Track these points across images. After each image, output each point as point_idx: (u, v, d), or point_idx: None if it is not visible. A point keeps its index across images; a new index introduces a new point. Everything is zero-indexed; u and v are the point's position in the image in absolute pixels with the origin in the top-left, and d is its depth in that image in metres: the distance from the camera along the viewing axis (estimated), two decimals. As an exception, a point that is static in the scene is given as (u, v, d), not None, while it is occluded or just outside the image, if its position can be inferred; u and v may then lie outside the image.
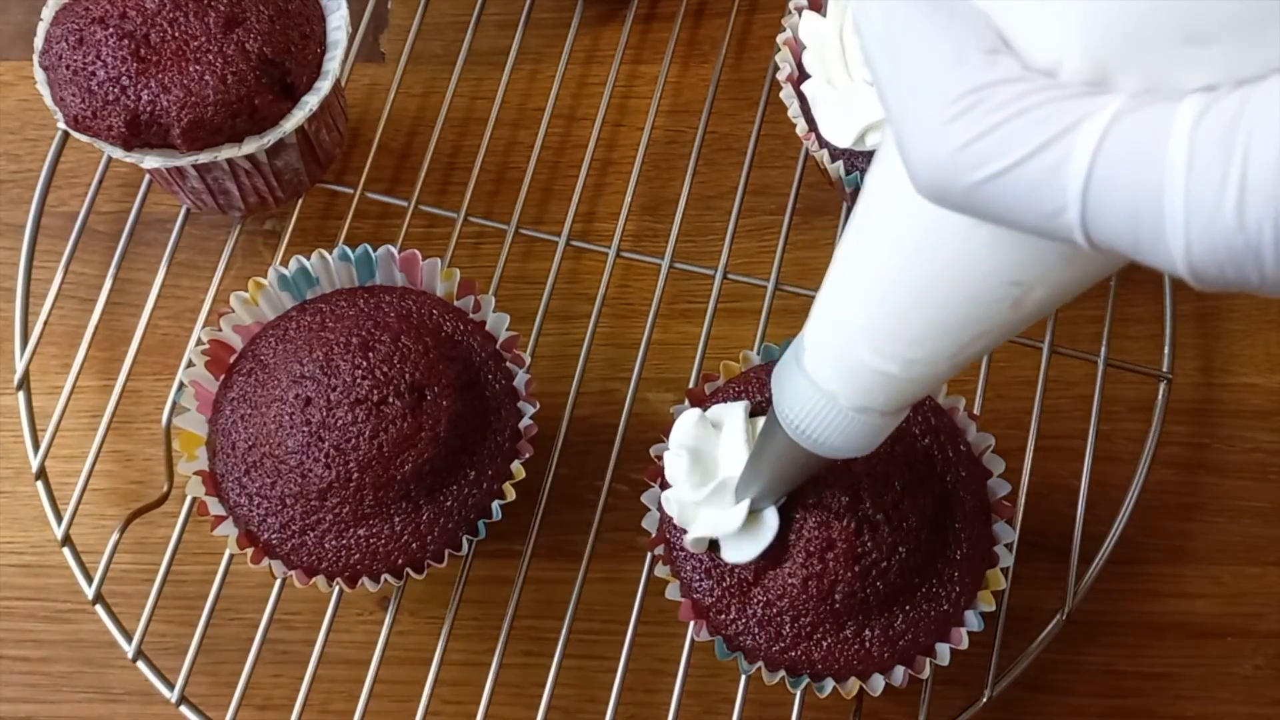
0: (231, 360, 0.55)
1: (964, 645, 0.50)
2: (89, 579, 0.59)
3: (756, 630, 0.50)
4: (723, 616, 0.50)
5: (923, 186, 0.26)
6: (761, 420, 0.50)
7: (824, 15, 0.60)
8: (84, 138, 0.56)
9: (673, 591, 0.51)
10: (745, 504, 0.47)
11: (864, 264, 0.34)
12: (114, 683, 0.61)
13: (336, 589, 0.55)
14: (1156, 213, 0.23)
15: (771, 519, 0.48)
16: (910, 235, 0.31)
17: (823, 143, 0.59)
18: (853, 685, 0.50)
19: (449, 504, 0.52)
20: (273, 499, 0.51)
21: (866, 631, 0.49)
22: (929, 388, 0.36)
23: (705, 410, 0.51)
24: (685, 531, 0.49)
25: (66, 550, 0.60)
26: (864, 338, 0.35)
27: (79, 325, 0.64)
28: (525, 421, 0.53)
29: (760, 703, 0.58)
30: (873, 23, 0.27)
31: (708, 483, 0.49)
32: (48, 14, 0.58)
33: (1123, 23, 0.24)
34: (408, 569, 0.52)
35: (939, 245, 0.31)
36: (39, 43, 0.58)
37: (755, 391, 0.52)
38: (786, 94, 0.60)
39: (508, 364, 0.55)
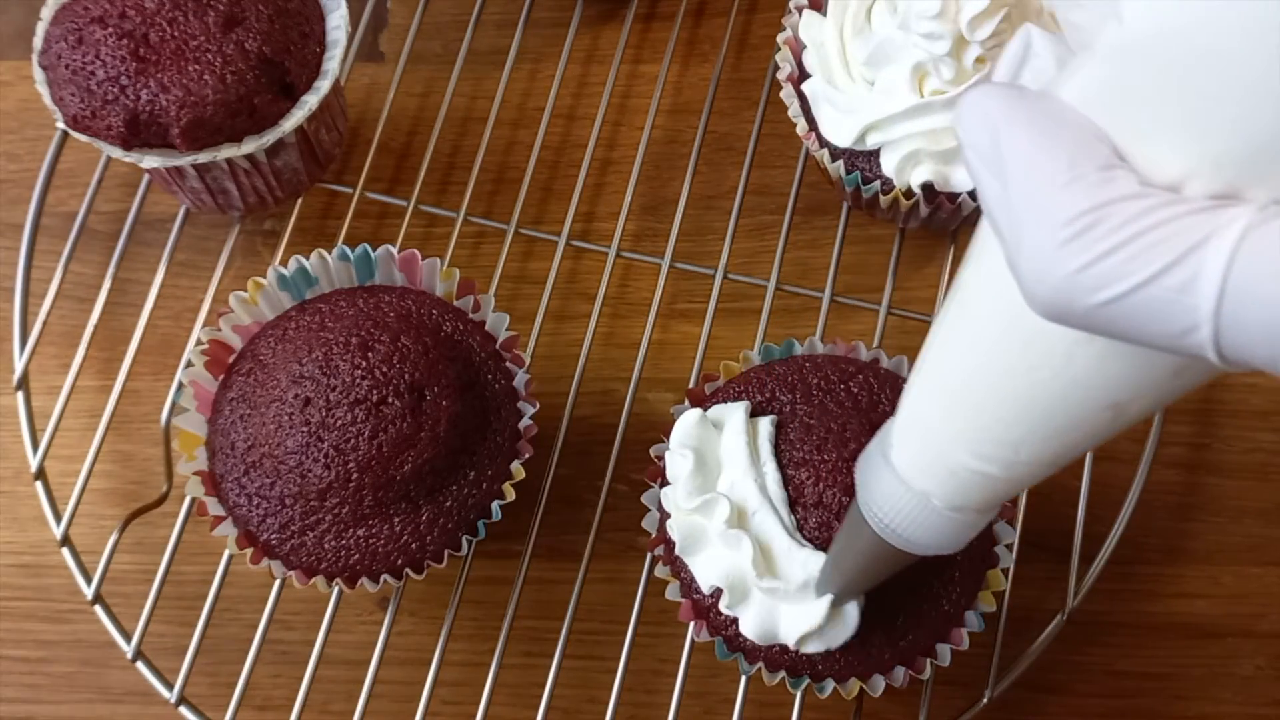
0: (231, 360, 0.55)
1: (965, 646, 0.50)
2: (88, 579, 0.59)
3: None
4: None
5: (1039, 307, 0.25)
6: (763, 420, 0.50)
7: (824, 15, 0.60)
8: (83, 137, 0.56)
9: (673, 591, 0.51)
10: (827, 600, 0.46)
11: (960, 367, 0.33)
12: (113, 683, 0.61)
13: (336, 589, 0.55)
14: None
15: (852, 613, 0.47)
16: (1011, 346, 0.30)
17: (823, 142, 0.59)
18: (853, 686, 0.50)
19: (449, 504, 0.52)
20: (272, 499, 0.51)
21: (873, 637, 0.49)
22: (1027, 485, 0.35)
23: (706, 410, 0.51)
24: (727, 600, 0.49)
25: (66, 550, 0.60)
26: (962, 441, 0.33)
27: (78, 325, 0.64)
28: (525, 421, 0.53)
29: (760, 703, 0.58)
30: (974, 137, 0.26)
31: (708, 486, 0.49)
32: (47, 13, 0.58)
33: (1265, 138, 0.23)
34: (407, 569, 0.52)
35: (1039, 364, 0.30)
36: (38, 42, 0.58)
37: (755, 391, 0.52)
38: (786, 94, 0.60)
39: (508, 364, 0.54)
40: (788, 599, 0.47)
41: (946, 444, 0.34)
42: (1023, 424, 0.31)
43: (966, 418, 0.33)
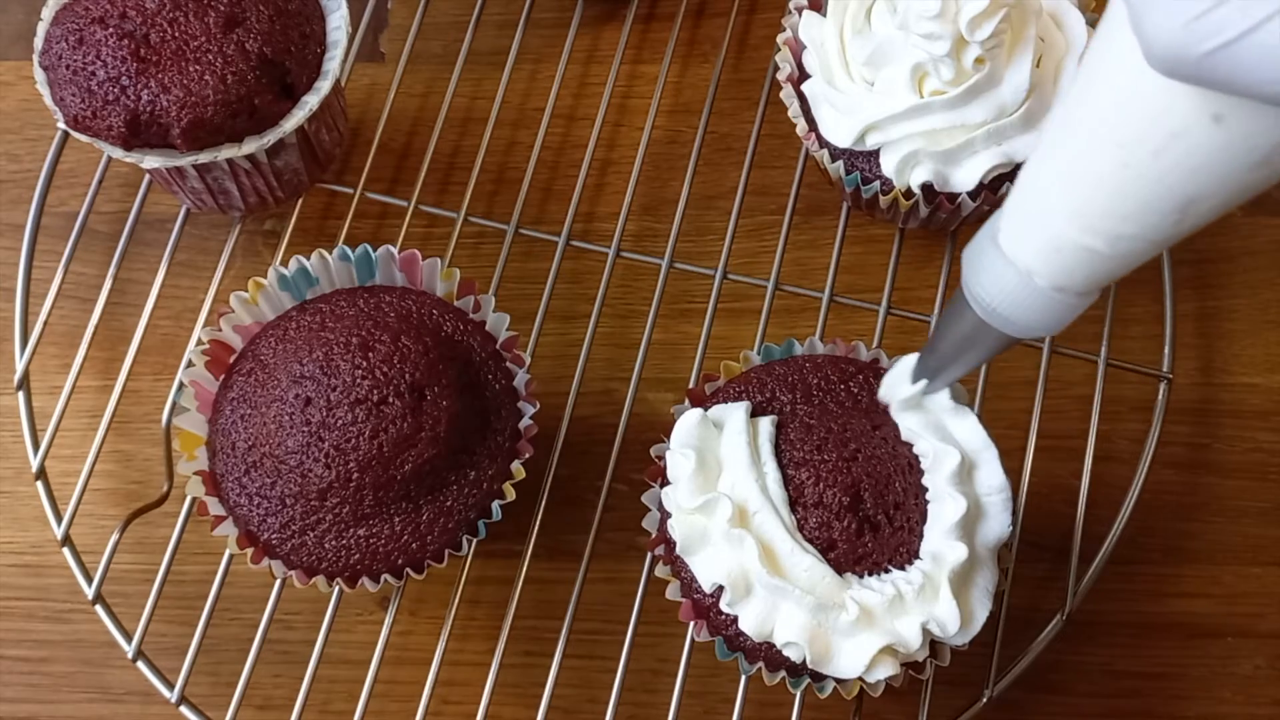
0: (231, 360, 0.55)
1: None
2: (89, 579, 0.59)
3: None
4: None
5: (1156, 59, 0.27)
6: (764, 420, 0.50)
7: (824, 15, 0.60)
8: (84, 138, 0.56)
9: (673, 591, 0.51)
10: (922, 385, 0.48)
11: (1076, 142, 0.35)
12: (114, 683, 0.61)
13: (336, 589, 0.55)
14: None
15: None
16: (1127, 120, 0.32)
17: (823, 143, 0.59)
18: (853, 685, 0.50)
19: (449, 504, 0.52)
20: (273, 499, 0.51)
21: None
22: (1129, 266, 0.37)
23: (706, 410, 0.51)
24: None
25: (66, 550, 0.60)
26: (1072, 215, 0.35)
27: (79, 325, 0.64)
28: (525, 421, 0.53)
29: (760, 703, 0.58)
30: None
31: (709, 486, 0.49)
32: (48, 14, 0.58)
33: None
34: (408, 569, 0.52)
35: (1150, 138, 0.32)
36: (39, 43, 0.58)
37: (755, 391, 0.52)
38: (786, 94, 0.60)
39: (508, 364, 0.55)
40: (791, 598, 0.47)
41: (1057, 218, 0.36)
42: (1144, 195, 0.33)
43: (1078, 191, 0.35)
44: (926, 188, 0.56)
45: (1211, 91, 0.29)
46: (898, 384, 0.49)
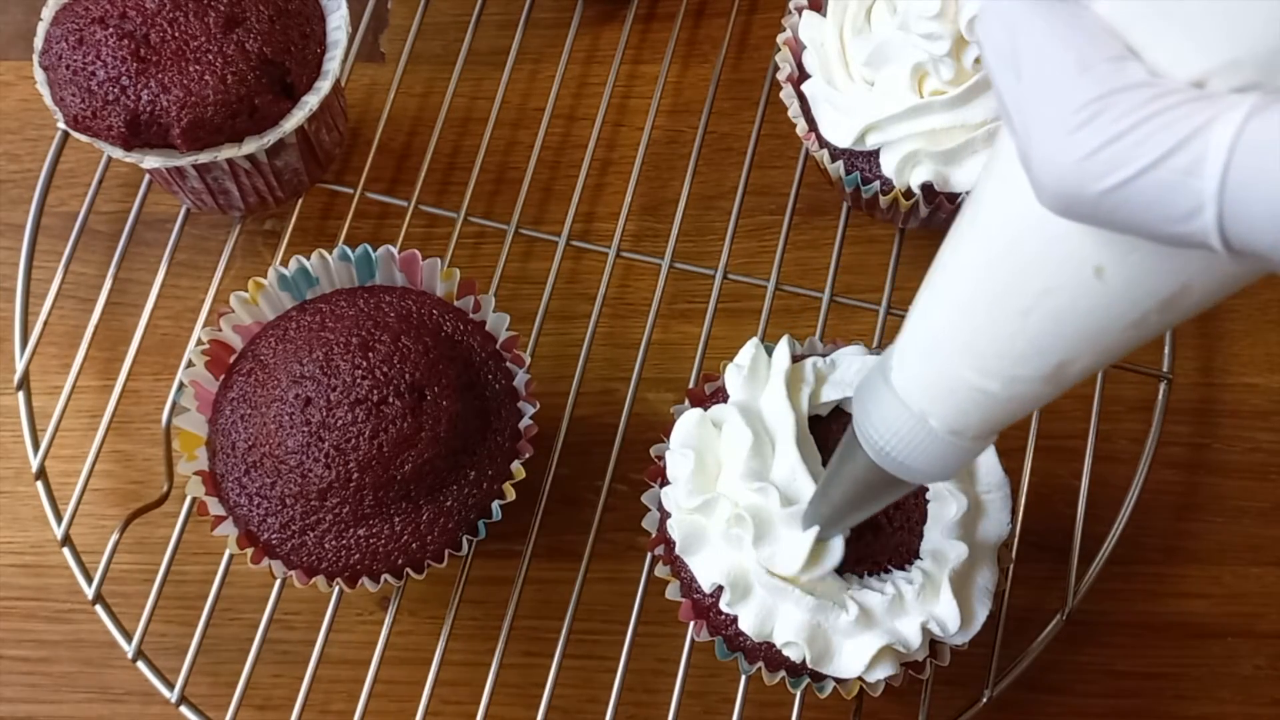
0: (231, 360, 0.55)
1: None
2: (89, 579, 0.59)
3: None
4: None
5: (1047, 198, 0.26)
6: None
7: (824, 15, 0.60)
8: (84, 138, 0.56)
9: (673, 591, 0.51)
10: (813, 532, 0.46)
11: (967, 279, 0.33)
12: (114, 683, 0.61)
13: (336, 589, 0.55)
14: None
15: (838, 547, 0.47)
16: (1018, 256, 0.31)
17: (823, 143, 0.59)
18: (853, 685, 0.50)
19: (449, 504, 0.52)
20: (273, 499, 0.51)
21: None
22: (1025, 410, 0.35)
23: (706, 410, 0.51)
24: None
25: (66, 550, 0.60)
26: (965, 353, 0.34)
27: (79, 325, 0.64)
28: (525, 421, 0.53)
29: (760, 703, 0.58)
30: (993, 35, 0.27)
31: (709, 486, 0.49)
32: (48, 14, 0.58)
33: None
34: (408, 569, 0.52)
35: (1045, 276, 0.30)
36: (39, 43, 0.58)
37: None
38: (786, 94, 0.60)
39: (508, 364, 0.55)
40: (790, 599, 0.47)
41: (949, 359, 0.34)
42: (1034, 333, 0.32)
43: (970, 330, 0.33)
44: (926, 188, 0.56)
45: (1097, 241, 0.28)
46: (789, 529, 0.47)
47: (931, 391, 0.35)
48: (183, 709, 0.57)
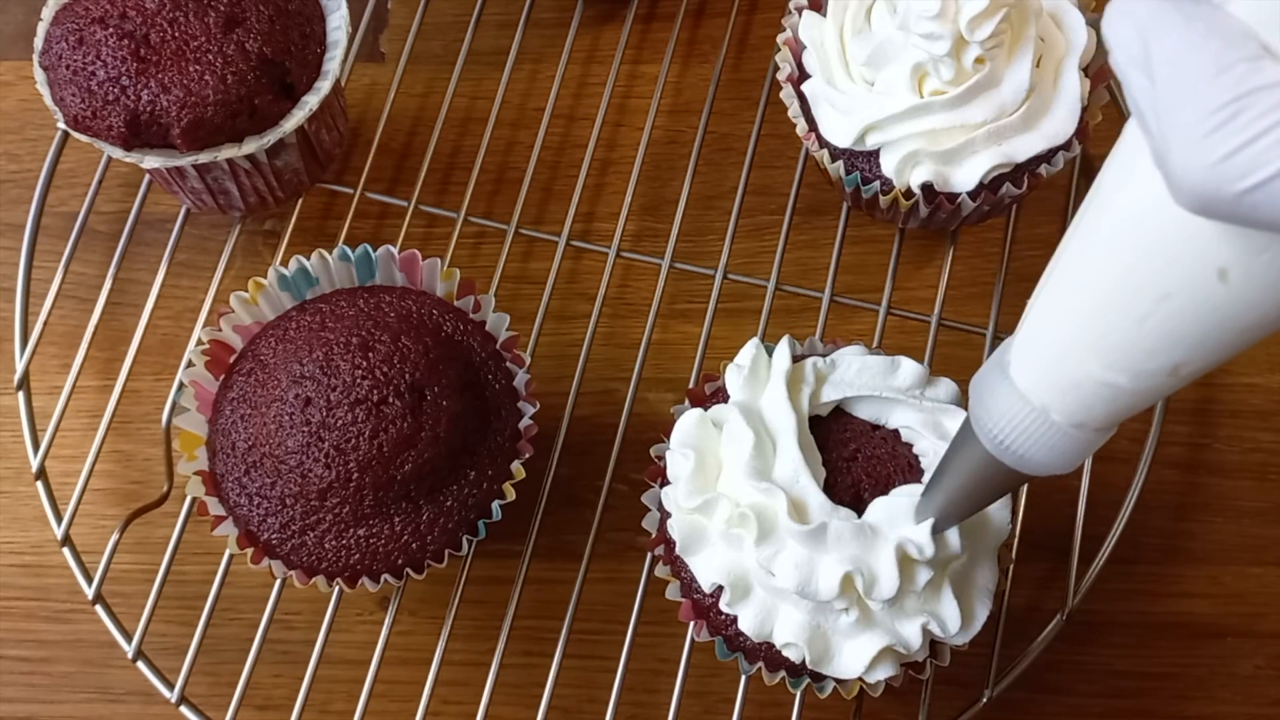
0: (231, 360, 0.55)
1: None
2: (89, 579, 0.59)
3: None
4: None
5: (1185, 199, 0.26)
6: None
7: (824, 15, 0.60)
8: (84, 138, 0.56)
9: (673, 591, 0.51)
10: (929, 524, 0.45)
11: (1103, 270, 0.33)
12: (114, 683, 0.61)
13: (336, 589, 0.55)
14: None
15: (954, 539, 0.46)
16: (1153, 251, 0.31)
17: (823, 143, 0.59)
18: (853, 686, 0.50)
19: (449, 504, 0.52)
20: (273, 499, 0.51)
21: None
22: (1151, 401, 0.35)
23: (706, 410, 0.51)
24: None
25: (66, 550, 0.60)
26: (1092, 350, 0.34)
27: (79, 325, 0.64)
28: (525, 421, 0.53)
29: (760, 703, 0.58)
30: (1122, 37, 0.27)
31: (709, 486, 0.49)
32: (48, 14, 0.58)
33: None
34: (408, 569, 0.52)
35: (1179, 272, 0.30)
36: (39, 43, 0.58)
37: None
38: (786, 94, 0.60)
39: (508, 364, 0.55)
40: (790, 599, 0.47)
41: (1074, 354, 0.34)
42: (1169, 328, 0.32)
43: (1098, 326, 0.33)
44: (926, 188, 0.56)
45: (1223, 242, 0.28)
46: (899, 520, 0.46)
47: (1055, 386, 0.36)
48: (183, 709, 0.57)
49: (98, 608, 0.59)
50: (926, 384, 0.50)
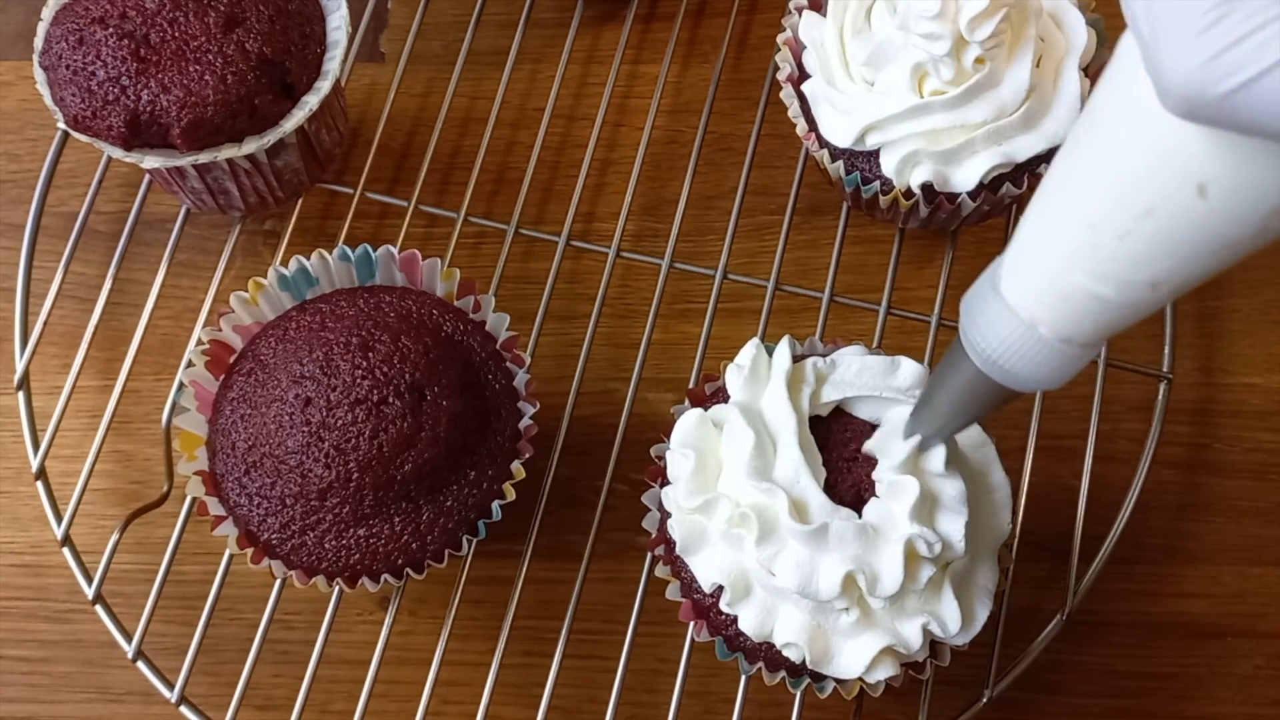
0: (231, 360, 0.55)
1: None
2: (89, 579, 0.59)
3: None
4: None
5: (1172, 101, 0.27)
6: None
7: (824, 15, 0.60)
8: (84, 138, 0.56)
9: (673, 591, 0.51)
10: (915, 440, 0.46)
11: (1090, 184, 0.34)
12: (114, 683, 0.61)
13: (336, 589, 0.55)
14: None
15: (938, 456, 0.47)
16: (1137, 163, 0.31)
17: (823, 143, 0.59)
18: (853, 686, 0.50)
19: (449, 504, 0.52)
20: (273, 499, 0.51)
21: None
22: (1137, 316, 0.36)
23: (706, 410, 0.51)
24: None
25: (66, 550, 0.60)
26: (1079, 260, 0.34)
27: (79, 325, 0.64)
28: (525, 421, 0.53)
29: (760, 703, 0.58)
30: None
31: (709, 486, 0.49)
32: (48, 14, 0.58)
33: None
34: (408, 569, 0.52)
35: (1164, 180, 0.31)
36: (39, 43, 0.58)
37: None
38: (786, 94, 0.60)
39: (508, 364, 0.55)
40: (790, 599, 0.47)
41: (1062, 265, 0.35)
42: (1156, 236, 0.32)
43: (1086, 235, 0.34)
44: (926, 188, 0.56)
45: (1204, 157, 0.29)
46: (889, 441, 0.47)
47: (1044, 299, 0.36)
48: (183, 709, 0.57)
49: (98, 608, 0.59)
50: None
